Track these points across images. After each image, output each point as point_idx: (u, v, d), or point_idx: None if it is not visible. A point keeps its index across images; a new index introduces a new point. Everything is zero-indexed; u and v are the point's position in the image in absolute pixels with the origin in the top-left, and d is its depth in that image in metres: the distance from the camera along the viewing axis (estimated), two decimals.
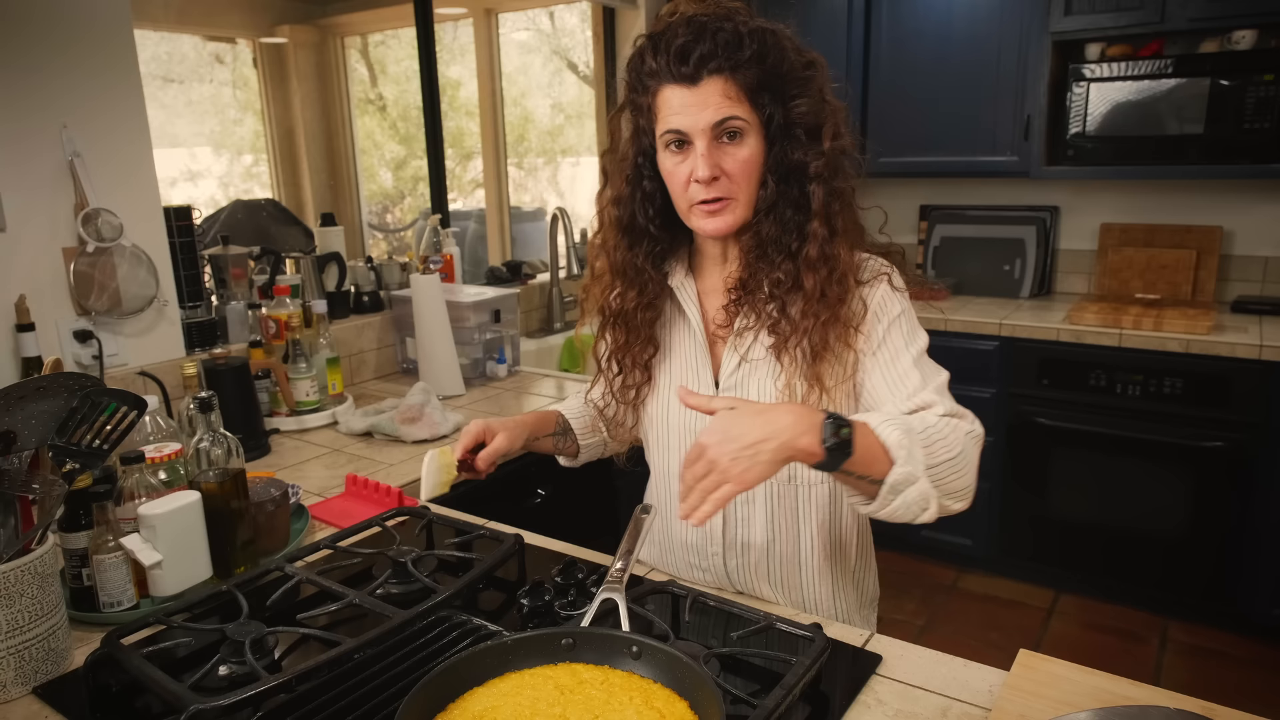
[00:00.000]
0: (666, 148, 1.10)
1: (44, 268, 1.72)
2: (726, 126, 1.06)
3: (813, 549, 1.21)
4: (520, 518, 1.55)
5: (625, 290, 1.21)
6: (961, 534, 3.15)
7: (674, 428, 1.24)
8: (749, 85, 1.06)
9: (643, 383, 1.25)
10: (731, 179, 1.08)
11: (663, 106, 1.09)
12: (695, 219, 1.12)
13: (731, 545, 1.22)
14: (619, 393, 1.27)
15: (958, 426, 1.02)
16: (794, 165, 1.09)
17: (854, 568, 1.27)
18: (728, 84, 1.05)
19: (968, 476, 1.01)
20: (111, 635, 1.00)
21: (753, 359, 1.16)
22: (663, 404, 1.25)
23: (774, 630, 1.03)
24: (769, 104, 1.07)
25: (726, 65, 1.04)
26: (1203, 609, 2.82)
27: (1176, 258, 3.13)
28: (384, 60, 4.63)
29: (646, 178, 1.16)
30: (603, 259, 1.23)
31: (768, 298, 1.13)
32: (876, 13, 3.24)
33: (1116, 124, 2.91)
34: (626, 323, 1.23)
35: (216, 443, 1.22)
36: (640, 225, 1.18)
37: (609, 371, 1.27)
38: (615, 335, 1.25)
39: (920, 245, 3.66)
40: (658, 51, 1.07)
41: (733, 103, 1.05)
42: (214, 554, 1.22)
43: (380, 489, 1.53)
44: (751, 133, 1.07)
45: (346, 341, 2.34)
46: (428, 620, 1.07)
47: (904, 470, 0.95)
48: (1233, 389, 2.60)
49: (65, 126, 1.71)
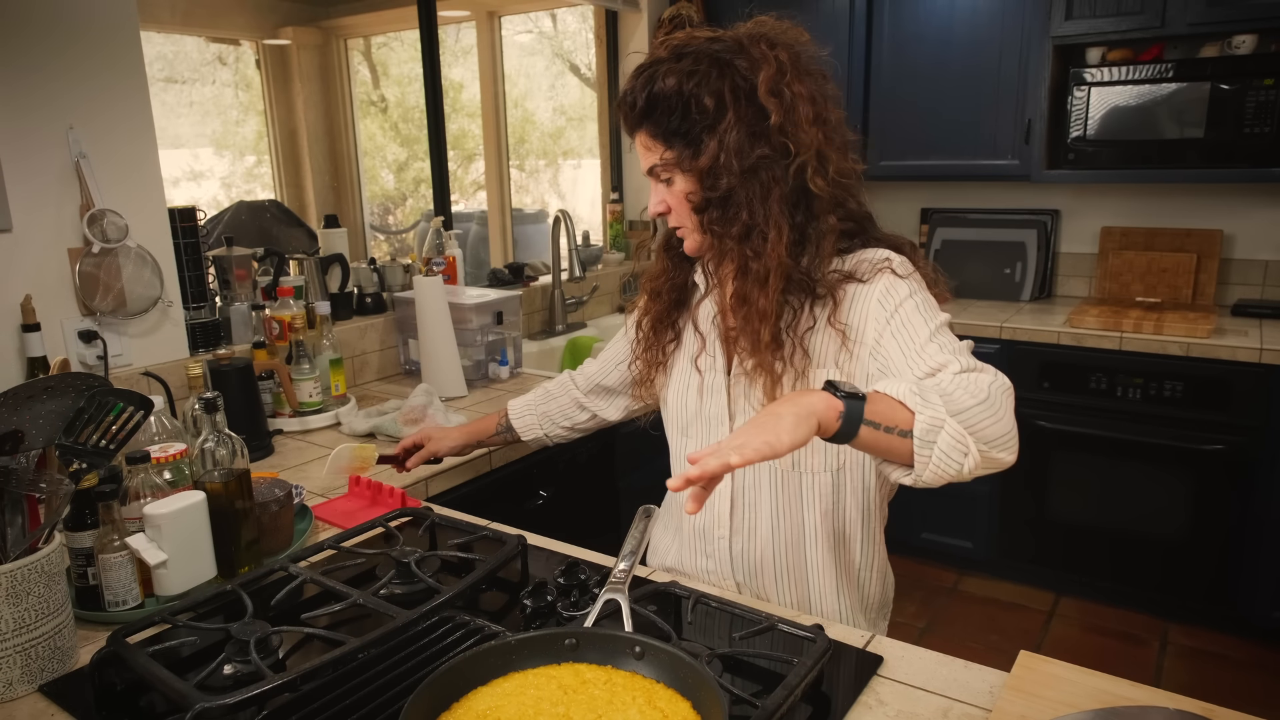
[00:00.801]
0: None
1: (49, 268, 1.72)
2: (654, 173, 1.21)
3: (816, 539, 1.25)
4: (522, 518, 1.56)
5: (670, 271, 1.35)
6: (962, 536, 3.16)
7: (690, 409, 1.32)
8: (660, 132, 1.17)
9: (670, 341, 1.35)
10: (675, 212, 1.22)
11: None
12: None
13: (739, 529, 1.27)
14: (644, 355, 1.37)
15: (978, 379, 1.00)
16: (719, 185, 1.16)
17: (858, 566, 1.29)
18: (644, 135, 1.19)
19: (1004, 422, 0.98)
20: (117, 634, 1.01)
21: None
22: (681, 386, 1.33)
23: (776, 631, 1.04)
24: (682, 143, 1.17)
25: (640, 121, 1.19)
26: (1203, 612, 2.82)
27: (1177, 261, 3.14)
28: (386, 62, 4.64)
29: None
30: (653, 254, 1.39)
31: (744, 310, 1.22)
32: (878, 18, 3.25)
33: (1117, 128, 2.91)
34: (665, 296, 1.34)
35: (221, 443, 1.23)
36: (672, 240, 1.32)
37: (643, 334, 1.37)
38: (651, 304, 1.36)
39: (921, 248, 3.66)
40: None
41: (651, 153, 1.19)
42: (218, 554, 1.23)
43: (383, 490, 1.53)
44: (676, 172, 1.19)
45: (349, 343, 2.35)
46: (431, 621, 1.07)
47: (927, 415, 0.93)
48: (1233, 392, 2.61)
49: (72, 127, 1.71)
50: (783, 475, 1.24)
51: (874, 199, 1.25)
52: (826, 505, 1.25)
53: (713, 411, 1.29)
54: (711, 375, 1.29)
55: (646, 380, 1.38)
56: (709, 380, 1.29)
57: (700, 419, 1.31)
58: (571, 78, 4.73)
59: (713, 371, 1.29)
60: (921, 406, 0.94)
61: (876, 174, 3.36)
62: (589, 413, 1.57)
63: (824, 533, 1.25)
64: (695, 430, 1.32)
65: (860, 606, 1.30)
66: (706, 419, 1.30)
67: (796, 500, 1.25)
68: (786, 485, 1.24)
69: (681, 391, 1.34)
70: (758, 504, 1.26)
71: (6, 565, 0.96)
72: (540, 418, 1.60)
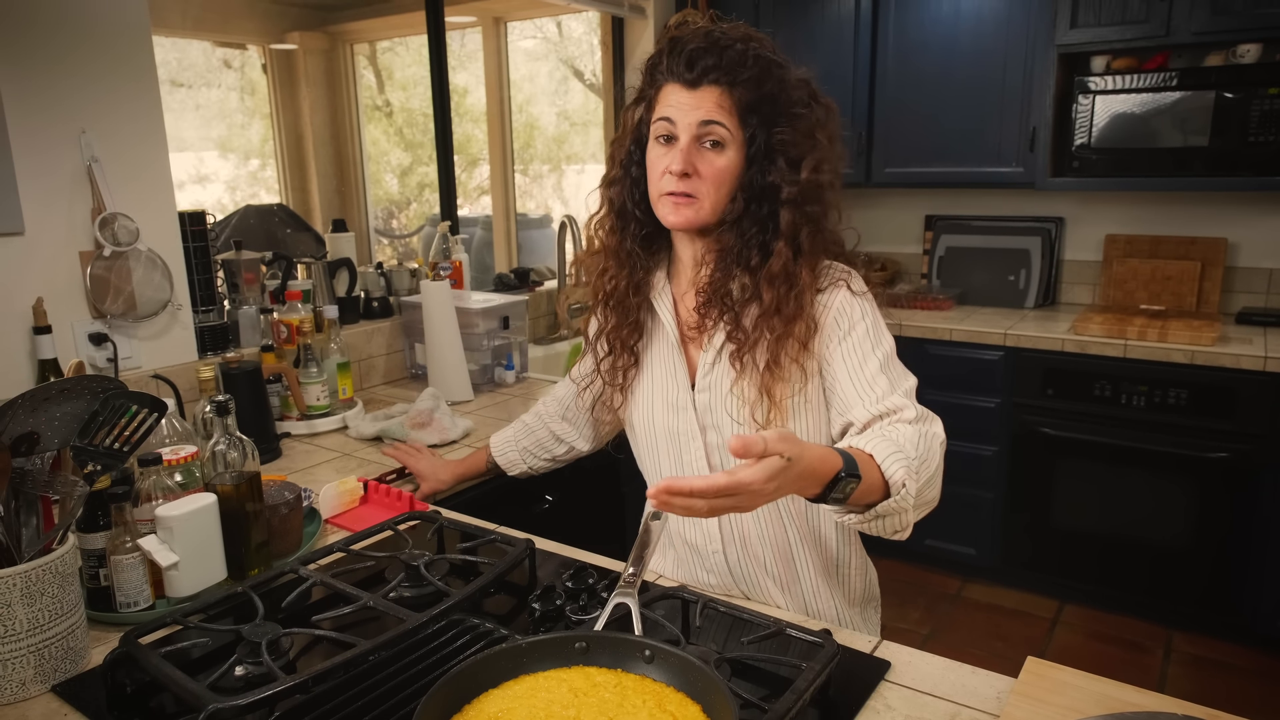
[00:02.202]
0: (656, 139, 1.18)
1: (61, 271, 1.74)
2: (710, 132, 1.13)
3: (800, 540, 1.27)
4: (529, 522, 1.56)
5: (617, 271, 1.27)
6: (965, 543, 3.16)
7: (660, 428, 1.30)
8: (741, 102, 1.13)
9: (629, 366, 1.31)
10: (703, 179, 1.15)
11: (661, 100, 1.17)
12: (661, 208, 1.19)
13: (730, 539, 1.27)
14: (607, 374, 1.33)
15: (934, 436, 1.09)
16: (767, 188, 1.16)
17: (838, 563, 1.32)
18: (723, 95, 1.13)
19: (937, 487, 1.09)
20: (130, 634, 1.01)
21: (724, 358, 1.23)
22: (647, 405, 1.30)
23: (784, 635, 1.04)
24: (756, 125, 1.14)
25: (725, 79, 1.12)
26: (1207, 620, 2.82)
27: (1181, 269, 3.15)
28: (391, 67, 4.66)
29: (635, 164, 1.24)
30: (598, 240, 1.30)
31: (726, 306, 1.20)
32: (883, 25, 3.26)
33: (1121, 136, 2.92)
34: (619, 304, 1.28)
35: (232, 446, 1.24)
36: (629, 210, 1.25)
37: (598, 351, 1.33)
38: (606, 316, 1.31)
39: (925, 255, 3.67)
40: (672, 52, 1.15)
41: (723, 112, 1.13)
42: (229, 556, 1.24)
43: (392, 493, 1.54)
44: (732, 146, 1.15)
45: (356, 347, 2.36)
46: (441, 624, 1.08)
47: (895, 502, 1.00)
48: (1237, 400, 2.61)
49: (84, 132, 1.73)
50: None
51: (878, 206, 1.28)
52: (799, 507, 1.26)
53: (686, 428, 1.26)
54: (675, 390, 1.27)
55: (608, 402, 1.37)
56: (677, 396, 1.27)
57: (675, 435, 1.28)
58: (575, 83, 4.74)
59: (675, 386, 1.27)
60: (901, 498, 1.00)
61: (880, 181, 3.36)
62: (565, 445, 1.56)
63: (804, 533, 1.28)
64: (674, 446, 1.29)
65: (847, 600, 1.33)
66: (678, 436, 1.28)
67: (774, 506, 1.25)
68: None
69: (647, 410, 1.30)
70: (742, 514, 1.25)
71: (21, 565, 0.97)
72: (521, 453, 1.60)
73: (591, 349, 1.34)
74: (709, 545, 1.29)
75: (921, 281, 3.67)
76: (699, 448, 1.26)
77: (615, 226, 1.27)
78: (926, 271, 3.65)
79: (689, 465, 1.27)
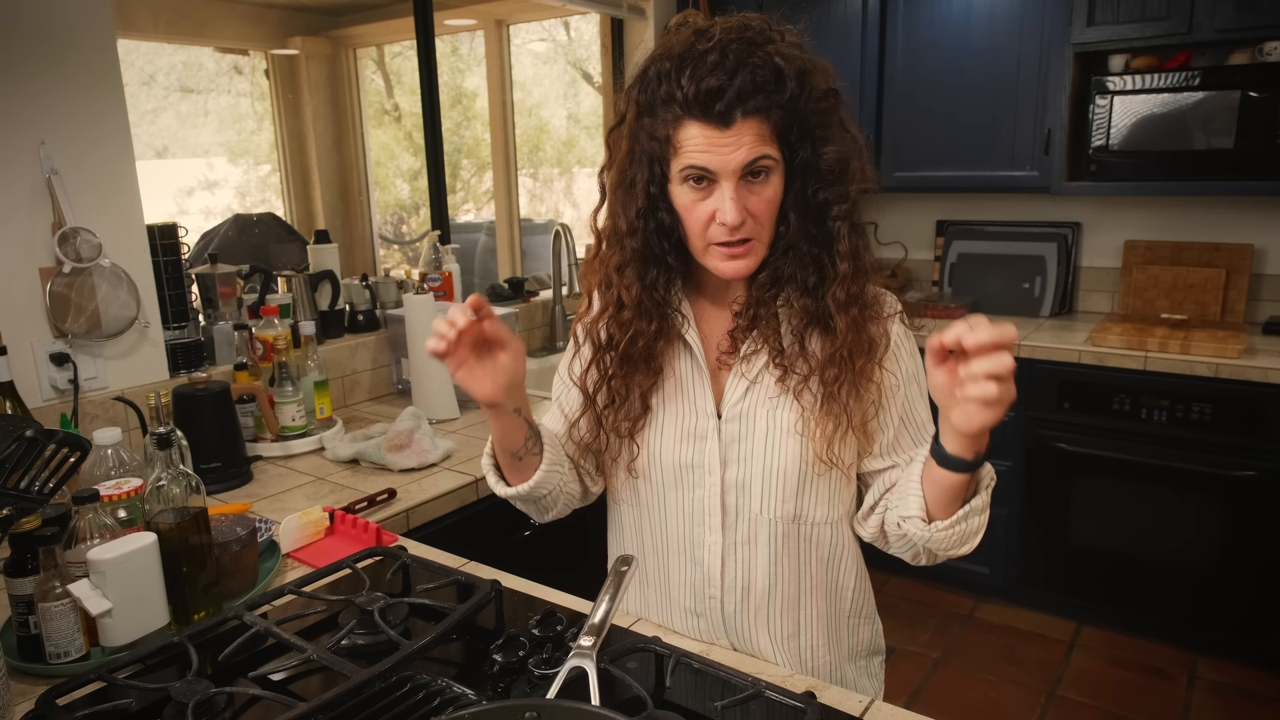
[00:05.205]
0: (685, 182, 1.03)
1: (19, 288, 1.66)
2: (755, 166, 1.00)
3: (812, 588, 1.17)
4: (510, 550, 1.48)
5: (641, 323, 1.11)
6: (979, 561, 3.04)
7: (669, 462, 1.16)
8: (780, 125, 1.00)
9: (640, 414, 1.16)
10: (756, 220, 1.03)
11: (685, 142, 1.00)
12: (713, 259, 1.06)
13: (731, 588, 1.16)
14: (614, 426, 1.16)
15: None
16: (819, 204, 1.04)
17: (849, 614, 1.22)
18: (761, 124, 0.98)
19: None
20: (47, 695, 0.93)
21: (761, 386, 1.11)
22: (657, 436, 1.16)
23: (763, 698, 0.94)
24: (795, 143, 1.02)
25: (760, 105, 0.97)
26: (1233, 645, 2.69)
27: (1204, 276, 3.01)
28: (400, 71, 4.60)
29: (663, 210, 1.07)
30: (611, 291, 1.12)
31: (783, 331, 1.09)
32: (892, 23, 3.16)
33: (1141, 138, 2.80)
34: (644, 356, 1.12)
35: (175, 480, 1.16)
36: (658, 257, 1.09)
37: (598, 402, 1.17)
38: (613, 365, 1.14)
39: (937, 262, 3.55)
40: (683, 80, 0.97)
41: (764, 143, 0.99)
42: (172, 599, 1.15)
43: (358, 524, 1.45)
44: (776, 171, 1.02)
45: (340, 362, 2.28)
46: (390, 680, 0.99)
47: (983, 499, 1.00)
48: (1265, 416, 2.48)
49: (43, 143, 1.65)
50: (783, 528, 1.13)
51: (888, 211, 1.16)
52: (824, 554, 1.17)
53: (703, 461, 1.13)
54: (694, 418, 1.14)
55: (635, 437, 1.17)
56: (696, 424, 1.14)
57: (687, 470, 1.14)
58: (585, 86, 4.67)
59: (693, 414, 1.14)
60: (987, 493, 1.01)
61: (890, 185, 3.25)
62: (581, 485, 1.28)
63: (820, 582, 1.17)
64: (684, 481, 1.15)
65: (849, 656, 1.23)
66: (691, 470, 1.14)
67: (794, 552, 1.15)
68: (786, 539, 1.14)
69: (663, 441, 1.15)
70: (753, 560, 1.14)
71: None
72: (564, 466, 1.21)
73: (591, 403, 1.16)
74: (708, 589, 1.16)
75: (933, 289, 3.56)
76: (714, 483, 1.13)
77: (638, 279, 1.09)
78: (938, 279, 3.53)
79: (699, 502, 1.14)
